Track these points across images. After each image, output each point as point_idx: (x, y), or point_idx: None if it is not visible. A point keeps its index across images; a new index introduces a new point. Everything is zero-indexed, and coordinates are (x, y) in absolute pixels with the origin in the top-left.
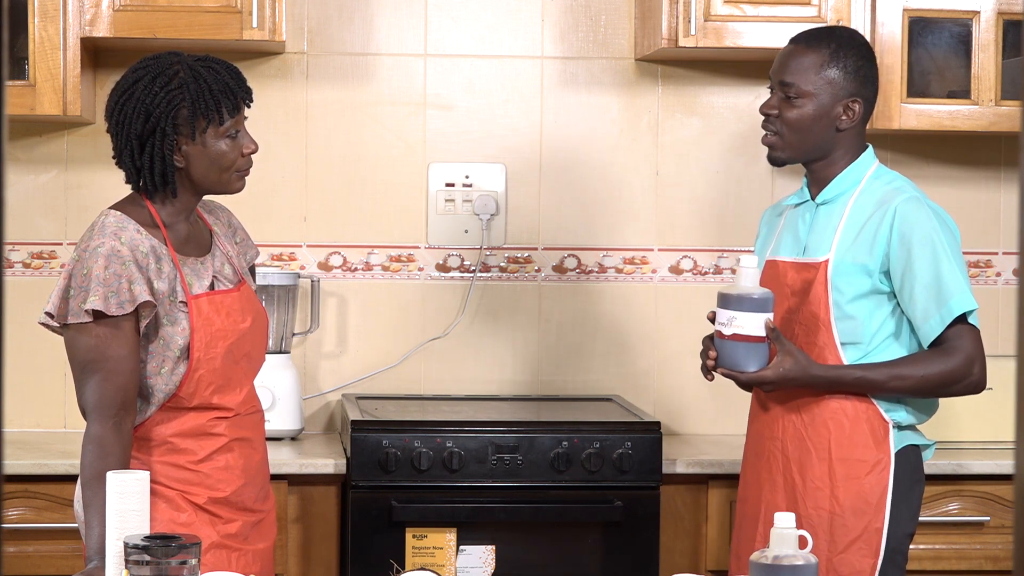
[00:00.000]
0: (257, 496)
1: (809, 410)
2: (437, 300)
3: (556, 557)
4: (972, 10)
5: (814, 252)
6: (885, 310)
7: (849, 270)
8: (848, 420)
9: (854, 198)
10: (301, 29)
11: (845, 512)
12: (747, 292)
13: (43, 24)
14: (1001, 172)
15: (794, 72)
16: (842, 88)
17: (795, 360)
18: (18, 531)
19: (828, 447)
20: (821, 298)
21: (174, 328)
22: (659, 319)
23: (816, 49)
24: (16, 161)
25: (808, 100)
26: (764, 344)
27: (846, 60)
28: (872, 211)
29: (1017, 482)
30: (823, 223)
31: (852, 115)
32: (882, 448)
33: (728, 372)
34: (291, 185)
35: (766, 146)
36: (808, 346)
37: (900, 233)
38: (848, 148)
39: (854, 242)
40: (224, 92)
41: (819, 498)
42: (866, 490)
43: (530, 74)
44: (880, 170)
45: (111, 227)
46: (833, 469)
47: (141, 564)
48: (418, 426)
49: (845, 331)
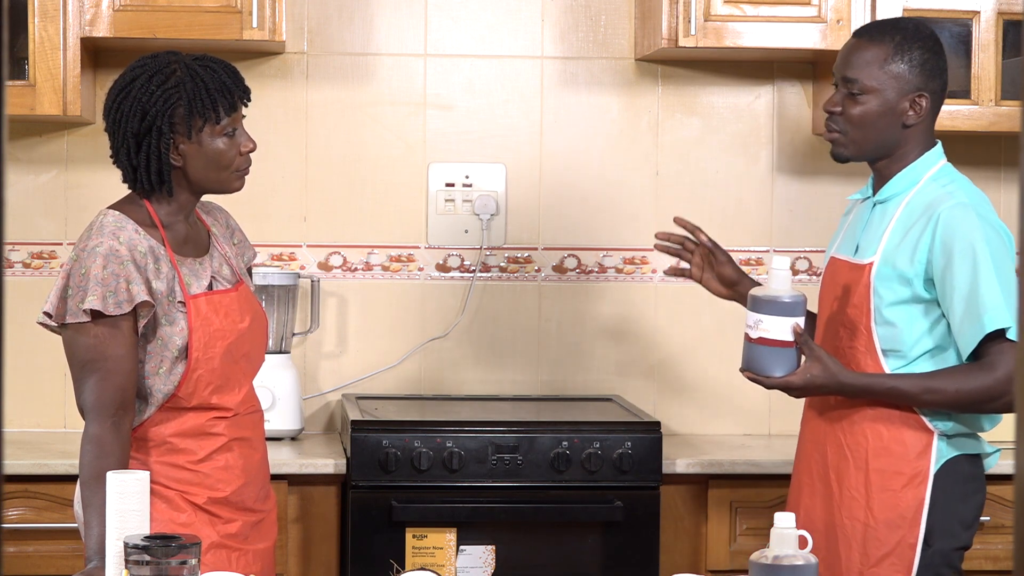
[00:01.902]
0: (257, 496)
1: (849, 416)
2: (437, 300)
3: (556, 557)
4: (972, 10)
5: (863, 253)
6: (929, 319)
7: (890, 276)
8: (887, 429)
9: (907, 200)
10: (301, 29)
11: (879, 525)
12: (776, 295)
13: (43, 24)
14: (1001, 172)
15: (857, 67)
16: (908, 82)
17: (823, 367)
18: (18, 531)
19: (865, 456)
20: (863, 302)
21: (172, 328)
22: (659, 319)
23: (880, 43)
24: (16, 161)
25: (872, 96)
26: (792, 349)
27: (911, 53)
28: (919, 216)
29: (1017, 482)
30: (876, 223)
31: (919, 110)
32: (922, 460)
33: (754, 376)
34: (291, 185)
35: (830, 142)
36: (850, 350)
37: (942, 241)
38: (915, 145)
39: (898, 247)
40: (221, 91)
41: (854, 508)
42: (902, 504)
43: (530, 74)
44: (942, 171)
45: (109, 227)
46: (869, 479)
47: (141, 564)
48: (418, 426)
49: (885, 337)
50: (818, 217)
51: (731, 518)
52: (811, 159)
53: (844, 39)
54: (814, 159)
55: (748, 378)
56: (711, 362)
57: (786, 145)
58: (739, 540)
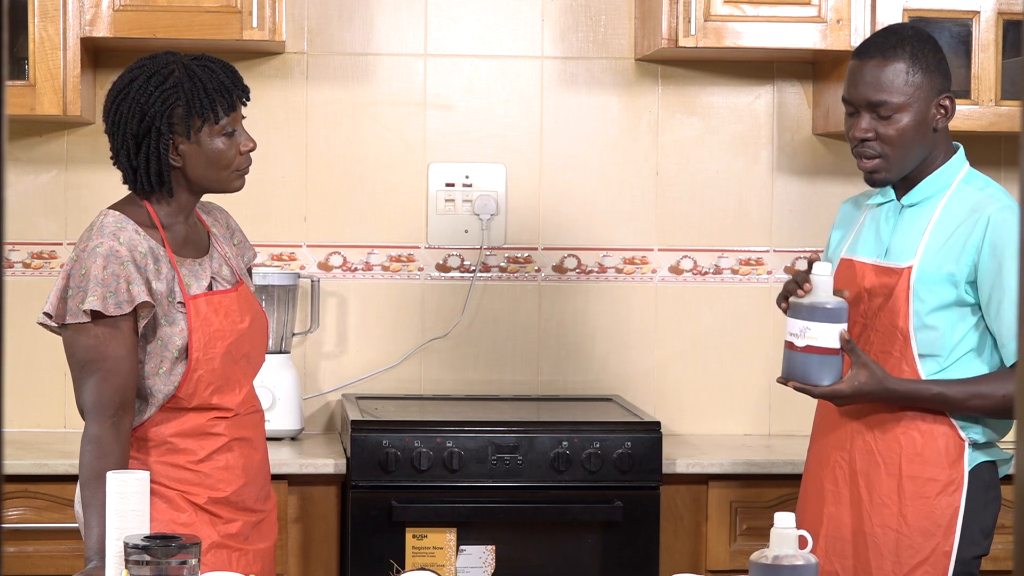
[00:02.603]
0: (258, 496)
1: (881, 422)
2: (437, 300)
3: (556, 557)
4: (972, 10)
5: (897, 257)
6: (968, 323)
7: (933, 279)
8: (921, 435)
9: (943, 202)
10: (301, 29)
11: (913, 532)
12: (821, 302)
13: (43, 24)
14: (1001, 172)
15: (884, 88)
16: (931, 88)
17: (871, 373)
18: (18, 531)
19: (899, 462)
20: (902, 306)
21: (172, 329)
22: (659, 319)
23: (894, 58)
24: (16, 161)
25: (905, 112)
26: (838, 356)
27: (925, 59)
28: (964, 218)
29: (1017, 482)
30: (908, 226)
31: (945, 111)
32: (956, 467)
33: (800, 385)
34: (291, 185)
35: (867, 171)
36: (884, 355)
37: (992, 244)
38: (940, 148)
39: (941, 250)
40: (219, 90)
41: (886, 515)
42: (936, 511)
43: (530, 74)
44: (972, 174)
45: (110, 227)
46: (902, 486)
47: (141, 564)
48: (418, 426)
49: (924, 342)
50: (818, 217)
51: (731, 518)
52: (811, 159)
53: (844, 39)
54: (814, 159)
55: (793, 387)
56: (711, 362)
57: (786, 145)
58: (739, 540)
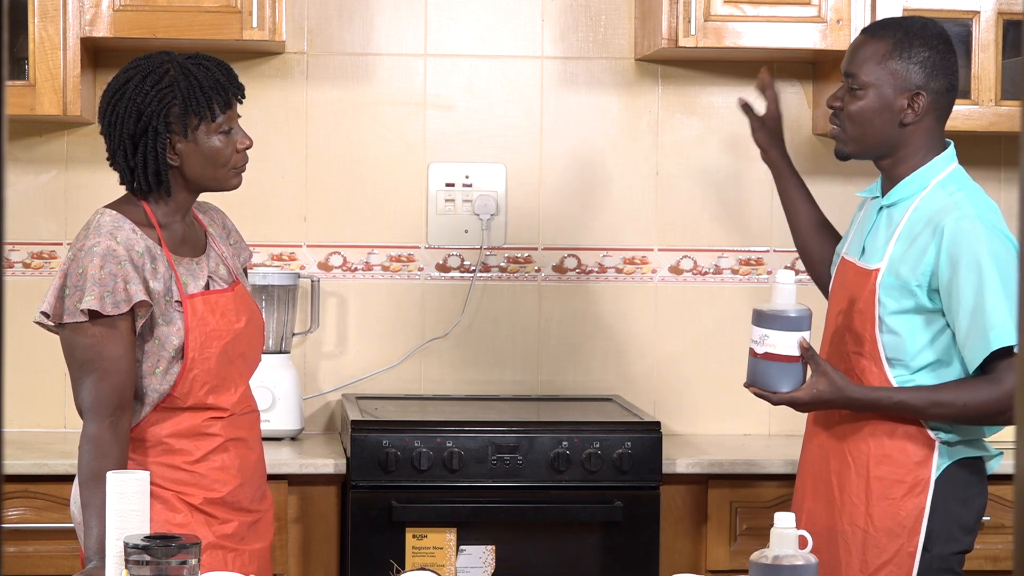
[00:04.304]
0: (254, 496)
1: (852, 423)
2: (437, 300)
3: (556, 557)
4: (972, 10)
5: (869, 258)
6: (932, 330)
7: (894, 284)
8: (890, 438)
9: (913, 206)
10: (301, 29)
11: (879, 533)
12: (781, 310)
13: (43, 24)
14: (1001, 172)
15: (857, 62)
16: (906, 80)
17: (830, 381)
18: (18, 531)
19: (867, 463)
20: (868, 310)
21: (169, 328)
22: (659, 319)
23: (881, 39)
24: (16, 161)
25: (869, 91)
26: (798, 364)
27: (912, 51)
28: (924, 226)
29: (1017, 482)
30: (883, 229)
31: (916, 109)
32: (923, 469)
33: (760, 392)
34: (291, 185)
35: (832, 137)
36: (855, 356)
37: (948, 254)
38: (919, 146)
39: (903, 256)
40: (215, 88)
41: (855, 515)
42: (902, 513)
43: (530, 74)
44: (952, 176)
45: (107, 226)
46: (870, 487)
47: (141, 564)
48: (418, 426)
49: (889, 345)
50: None
51: (731, 518)
52: (811, 159)
53: (845, 39)
54: (814, 159)
55: (754, 393)
56: (711, 362)
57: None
58: (739, 540)
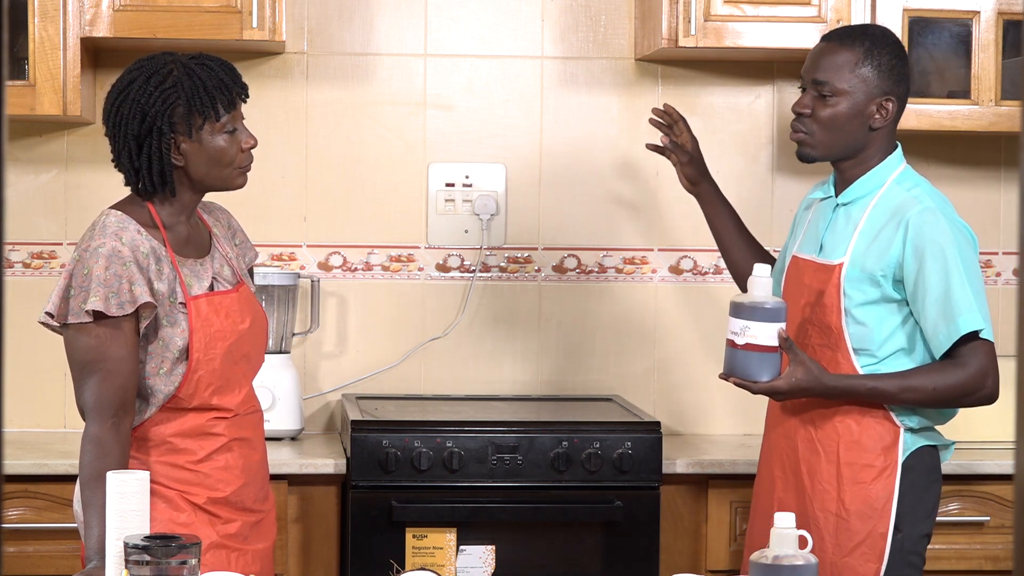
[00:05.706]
0: (257, 496)
1: (821, 412)
2: (437, 300)
3: (556, 557)
4: (972, 10)
5: (830, 254)
6: (896, 319)
7: (859, 277)
8: (857, 424)
9: (874, 203)
10: (301, 29)
11: (850, 516)
12: (760, 301)
13: (43, 24)
14: (1001, 172)
15: (828, 70)
16: (876, 86)
17: (807, 370)
18: (18, 531)
19: (837, 450)
20: (833, 303)
21: (173, 329)
22: (659, 319)
23: (850, 47)
24: (16, 161)
25: (842, 98)
26: (777, 354)
27: (880, 58)
28: (887, 219)
29: (1017, 482)
30: (842, 225)
31: (885, 113)
32: (890, 454)
33: (740, 381)
34: (291, 185)
35: (795, 142)
36: (822, 349)
37: (914, 245)
38: (878, 148)
39: (867, 249)
40: (219, 88)
41: (826, 500)
42: (872, 495)
43: (530, 74)
44: (905, 174)
45: (112, 227)
46: (840, 472)
47: (141, 564)
48: (418, 426)
49: (856, 337)
50: None
51: (731, 518)
52: None
53: None
54: None
55: (734, 383)
56: (711, 362)
57: (786, 145)
58: (739, 540)
